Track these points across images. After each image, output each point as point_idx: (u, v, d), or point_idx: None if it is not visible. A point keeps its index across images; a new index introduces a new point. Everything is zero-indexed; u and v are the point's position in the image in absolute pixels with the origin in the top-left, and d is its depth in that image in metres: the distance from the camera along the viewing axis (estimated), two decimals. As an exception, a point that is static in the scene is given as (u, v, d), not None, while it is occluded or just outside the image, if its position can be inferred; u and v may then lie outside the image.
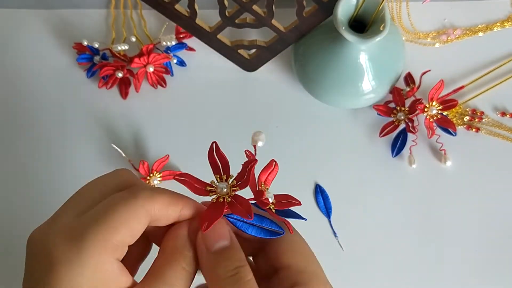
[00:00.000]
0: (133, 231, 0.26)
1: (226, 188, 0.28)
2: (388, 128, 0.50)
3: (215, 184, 0.28)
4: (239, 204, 0.27)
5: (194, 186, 0.28)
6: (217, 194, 0.28)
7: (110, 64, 0.52)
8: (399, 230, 0.48)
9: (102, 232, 0.25)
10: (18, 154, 0.52)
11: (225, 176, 0.28)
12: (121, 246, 0.26)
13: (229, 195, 0.28)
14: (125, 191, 0.28)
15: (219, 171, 0.29)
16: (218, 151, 0.29)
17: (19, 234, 0.50)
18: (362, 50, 0.45)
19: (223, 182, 0.28)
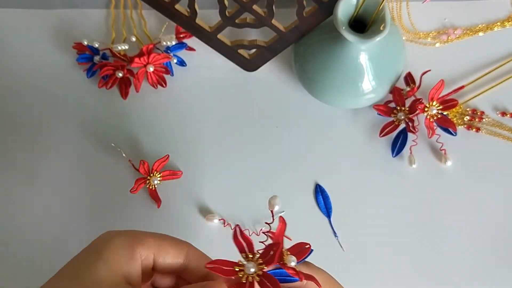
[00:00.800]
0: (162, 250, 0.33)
1: (253, 268, 0.29)
2: (388, 128, 0.50)
3: (243, 264, 0.30)
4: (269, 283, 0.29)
5: (223, 269, 0.30)
6: (245, 273, 0.30)
7: (110, 64, 0.52)
8: (399, 230, 0.48)
9: None
10: (17, 154, 0.52)
11: (250, 254, 0.30)
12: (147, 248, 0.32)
13: (258, 274, 0.29)
14: None
15: (245, 251, 0.30)
16: (242, 233, 0.30)
17: (19, 234, 0.50)
18: (362, 50, 0.45)
19: (250, 262, 0.30)
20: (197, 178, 0.50)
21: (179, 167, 0.51)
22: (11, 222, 0.50)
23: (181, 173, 0.50)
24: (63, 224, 0.50)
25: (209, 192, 0.50)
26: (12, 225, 0.50)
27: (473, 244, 0.48)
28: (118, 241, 0.31)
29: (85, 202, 0.50)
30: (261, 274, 0.29)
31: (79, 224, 0.49)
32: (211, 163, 0.51)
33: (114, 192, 0.50)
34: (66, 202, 0.50)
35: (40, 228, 0.50)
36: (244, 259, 0.30)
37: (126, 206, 0.50)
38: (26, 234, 0.49)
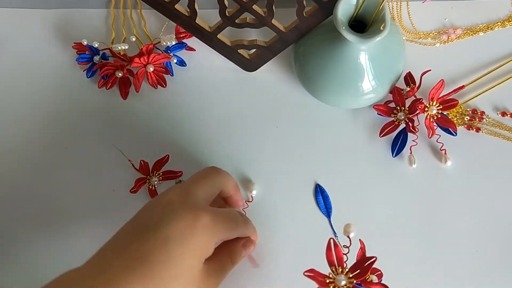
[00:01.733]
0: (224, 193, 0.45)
1: (344, 281, 0.32)
2: (388, 128, 0.50)
3: (333, 277, 0.32)
4: None
5: (318, 279, 0.32)
6: (336, 285, 0.32)
7: (110, 64, 0.52)
8: (399, 230, 0.48)
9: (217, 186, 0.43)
10: (17, 154, 0.52)
11: (340, 268, 0.32)
12: None
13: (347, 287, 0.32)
14: None
15: (334, 264, 0.32)
16: (336, 247, 0.33)
17: (18, 233, 0.50)
18: (362, 50, 0.45)
19: (340, 275, 0.32)
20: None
21: (179, 167, 0.51)
22: (11, 222, 0.50)
23: (181, 173, 0.50)
24: (63, 223, 0.50)
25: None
26: (12, 224, 0.50)
27: (473, 244, 0.48)
28: None
29: (84, 202, 0.50)
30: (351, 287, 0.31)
31: (79, 223, 0.49)
32: (211, 163, 0.51)
33: (113, 192, 0.50)
34: (66, 201, 0.50)
35: (40, 226, 0.50)
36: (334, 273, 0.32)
37: (125, 206, 0.50)
38: (27, 234, 0.49)
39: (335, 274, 0.32)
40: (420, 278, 0.47)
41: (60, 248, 0.49)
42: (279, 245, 0.48)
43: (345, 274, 0.32)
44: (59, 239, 0.49)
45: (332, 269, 0.32)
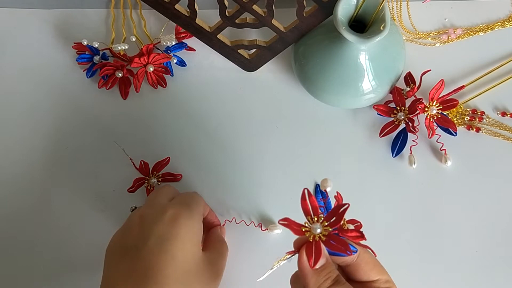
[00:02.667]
0: (204, 211, 0.44)
1: (319, 229, 0.32)
2: (388, 128, 0.50)
3: (309, 226, 0.33)
4: (337, 243, 0.32)
5: (293, 227, 0.32)
6: (311, 233, 0.32)
7: (110, 64, 0.52)
8: (399, 230, 0.48)
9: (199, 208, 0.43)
10: (17, 153, 0.52)
11: (315, 217, 0.33)
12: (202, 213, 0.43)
13: (323, 234, 0.32)
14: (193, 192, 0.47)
15: (310, 214, 0.33)
16: (310, 196, 0.33)
17: (19, 234, 0.50)
18: (362, 50, 0.45)
19: (316, 223, 0.32)
20: (196, 182, 0.50)
21: (178, 169, 0.51)
22: (11, 222, 0.50)
23: (180, 176, 0.50)
24: (63, 222, 0.50)
25: (208, 195, 0.50)
26: (12, 225, 0.50)
27: (473, 244, 0.48)
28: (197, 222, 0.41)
29: (84, 201, 0.50)
30: (326, 235, 0.32)
31: (79, 222, 0.49)
32: (211, 164, 0.51)
33: (113, 191, 0.50)
34: (66, 200, 0.50)
35: (40, 225, 0.50)
36: (310, 222, 0.33)
37: (122, 205, 0.50)
38: (27, 234, 0.49)
39: (310, 223, 0.32)
40: (420, 278, 0.47)
41: (60, 248, 0.49)
42: (279, 245, 0.48)
43: (320, 222, 0.32)
44: (58, 238, 0.49)
45: (308, 218, 0.33)
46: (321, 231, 0.32)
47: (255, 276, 0.35)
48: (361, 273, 0.34)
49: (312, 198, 0.33)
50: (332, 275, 0.33)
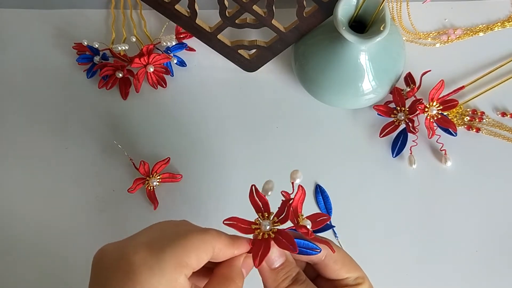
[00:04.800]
0: (200, 259, 0.30)
1: (269, 225, 0.32)
2: (389, 128, 0.50)
3: (259, 222, 0.32)
4: (284, 239, 0.31)
5: (241, 227, 0.32)
6: (261, 231, 0.32)
7: (110, 64, 0.52)
8: (399, 230, 0.48)
9: (179, 250, 0.29)
10: (18, 153, 0.52)
11: (266, 214, 0.32)
12: (189, 268, 0.29)
13: (272, 231, 0.32)
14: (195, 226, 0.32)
15: (261, 210, 0.32)
16: (258, 193, 0.33)
17: (20, 234, 0.50)
18: (362, 50, 0.45)
19: (266, 220, 0.32)
20: (196, 182, 0.50)
21: (178, 169, 0.51)
22: (12, 222, 0.50)
23: (180, 176, 0.50)
24: (63, 222, 0.50)
25: (208, 195, 0.50)
26: (13, 225, 0.50)
27: (473, 244, 0.48)
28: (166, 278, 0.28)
29: (83, 201, 0.50)
30: (276, 231, 0.31)
31: (79, 222, 0.49)
32: (211, 164, 0.51)
33: (113, 191, 0.50)
34: (66, 200, 0.50)
35: (40, 225, 0.50)
36: (260, 218, 0.32)
37: (122, 205, 0.50)
38: (27, 234, 0.49)
39: (262, 220, 0.32)
40: (420, 278, 0.47)
41: (60, 248, 0.49)
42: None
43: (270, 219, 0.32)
44: (59, 238, 0.49)
45: (259, 215, 0.32)
46: (271, 228, 0.32)
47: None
48: (329, 271, 0.33)
49: (259, 194, 0.32)
50: (291, 273, 0.32)
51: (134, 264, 0.28)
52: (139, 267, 0.28)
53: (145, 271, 0.28)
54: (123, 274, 0.28)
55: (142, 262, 0.28)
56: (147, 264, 0.28)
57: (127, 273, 0.27)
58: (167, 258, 0.28)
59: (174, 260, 0.28)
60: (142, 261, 0.28)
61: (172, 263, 0.28)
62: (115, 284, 0.28)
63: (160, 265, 0.28)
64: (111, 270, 0.28)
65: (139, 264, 0.28)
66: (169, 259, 0.28)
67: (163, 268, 0.28)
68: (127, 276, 0.27)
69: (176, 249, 0.29)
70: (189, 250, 0.29)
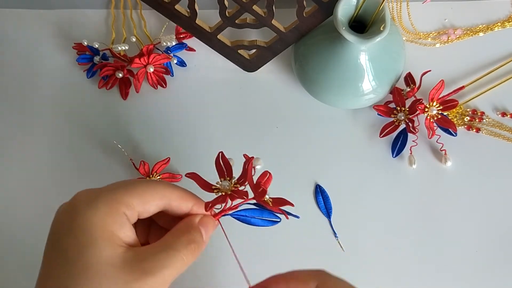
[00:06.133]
0: (146, 203, 0.32)
1: (228, 186, 0.32)
2: (389, 128, 0.50)
3: (220, 183, 0.33)
4: (238, 194, 0.32)
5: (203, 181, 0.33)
6: (221, 191, 0.32)
7: (110, 64, 0.52)
8: (399, 230, 0.48)
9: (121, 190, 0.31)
10: (18, 153, 0.52)
11: (228, 177, 0.33)
12: (132, 208, 0.31)
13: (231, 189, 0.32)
14: None
15: (224, 176, 0.33)
16: (224, 158, 0.34)
17: (20, 233, 0.50)
18: (362, 50, 0.45)
19: (226, 181, 0.33)
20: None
21: (178, 169, 0.51)
22: (12, 222, 0.50)
23: (180, 176, 0.50)
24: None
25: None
26: (13, 224, 0.50)
27: (474, 244, 0.48)
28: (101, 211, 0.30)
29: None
30: (233, 190, 0.32)
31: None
32: (211, 164, 0.51)
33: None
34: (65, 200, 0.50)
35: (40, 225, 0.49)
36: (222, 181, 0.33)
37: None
38: (28, 234, 0.49)
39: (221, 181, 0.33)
40: (420, 278, 0.47)
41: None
42: (279, 246, 0.48)
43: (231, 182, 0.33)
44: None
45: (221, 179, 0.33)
46: (230, 188, 0.32)
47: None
48: None
49: (225, 160, 0.33)
50: None
51: (75, 200, 0.31)
52: (78, 202, 0.31)
53: (82, 205, 0.30)
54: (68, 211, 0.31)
55: (82, 198, 0.31)
56: (86, 199, 0.31)
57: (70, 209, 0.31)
58: (105, 194, 0.31)
59: (113, 197, 0.31)
60: (82, 197, 0.31)
61: (109, 199, 0.30)
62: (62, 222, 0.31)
63: (97, 200, 0.30)
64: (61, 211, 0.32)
65: (79, 199, 0.31)
66: (107, 194, 0.31)
67: (100, 201, 0.30)
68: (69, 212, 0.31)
69: (118, 190, 0.31)
70: (132, 192, 0.31)
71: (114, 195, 0.31)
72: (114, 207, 0.30)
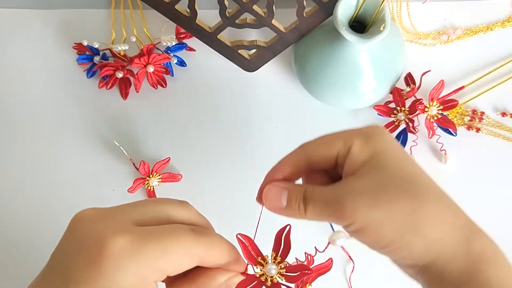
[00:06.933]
0: (180, 267, 0.27)
1: (274, 271, 0.29)
2: (389, 128, 0.50)
3: (268, 261, 0.30)
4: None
5: (249, 252, 0.30)
6: (263, 271, 0.30)
7: (110, 64, 0.52)
8: (399, 231, 0.48)
9: (157, 254, 0.26)
10: (18, 153, 0.52)
11: (279, 258, 0.30)
12: (163, 273, 0.27)
13: (272, 280, 0.29)
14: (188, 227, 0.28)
15: (278, 251, 0.30)
16: (288, 235, 0.30)
17: (20, 233, 0.50)
18: (362, 50, 0.45)
19: (275, 264, 0.30)
20: (196, 182, 0.50)
21: (178, 169, 0.51)
22: (12, 223, 0.50)
23: (181, 176, 0.50)
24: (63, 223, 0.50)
25: (208, 196, 0.50)
26: (13, 226, 0.50)
27: (473, 244, 0.48)
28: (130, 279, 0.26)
29: (83, 201, 0.50)
30: (275, 283, 0.29)
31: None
32: (211, 164, 0.51)
33: (113, 191, 0.50)
34: (65, 200, 0.50)
35: (40, 225, 0.50)
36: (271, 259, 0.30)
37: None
38: (29, 235, 0.49)
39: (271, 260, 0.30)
40: (420, 278, 0.47)
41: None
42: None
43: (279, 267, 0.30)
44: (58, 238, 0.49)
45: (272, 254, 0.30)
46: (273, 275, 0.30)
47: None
48: None
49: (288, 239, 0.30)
50: None
51: (106, 251, 0.25)
52: (108, 258, 0.25)
53: (112, 264, 0.25)
54: (91, 258, 0.25)
55: (116, 253, 0.25)
56: (120, 258, 0.25)
57: (95, 259, 0.25)
58: (141, 259, 0.26)
59: (148, 263, 0.26)
60: (115, 252, 0.25)
61: (144, 265, 0.26)
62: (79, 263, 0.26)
63: (130, 264, 0.25)
64: (82, 245, 0.26)
65: (111, 254, 0.25)
66: (143, 259, 0.26)
67: (132, 266, 0.25)
68: (93, 261, 0.25)
69: (155, 251, 0.26)
70: (169, 256, 0.27)
71: (151, 260, 0.26)
72: (148, 275, 0.26)
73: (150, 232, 0.27)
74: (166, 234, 0.27)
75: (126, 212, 0.29)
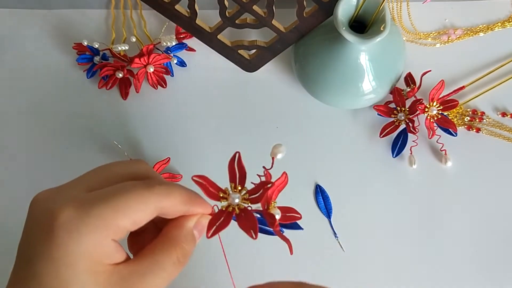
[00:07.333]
0: (137, 221, 0.28)
1: (238, 199, 0.29)
2: (389, 128, 0.50)
3: (229, 192, 0.29)
4: (247, 220, 0.28)
5: (208, 189, 0.29)
6: (228, 202, 0.29)
7: (110, 64, 0.52)
8: (399, 231, 0.48)
9: (108, 213, 0.27)
10: (18, 153, 0.52)
11: (239, 186, 0.29)
12: (121, 230, 0.27)
13: (239, 207, 0.29)
14: (140, 181, 0.29)
15: (235, 180, 0.30)
16: (240, 162, 0.30)
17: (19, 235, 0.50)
18: (362, 50, 0.45)
19: (237, 193, 0.29)
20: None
21: (178, 169, 0.51)
22: (12, 222, 0.50)
23: (180, 176, 0.50)
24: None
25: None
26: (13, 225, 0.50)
27: (473, 244, 0.48)
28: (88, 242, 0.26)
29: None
30: (242, 209, 0.29)
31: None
32: (211, 164, 0.51)
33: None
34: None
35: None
36: (232, 189, 0.29)
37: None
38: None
39: (231, 191, 0.29)
40: (419, 278, 0.47)
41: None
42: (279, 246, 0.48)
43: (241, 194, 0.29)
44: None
45: (231, 185, 0.29)
46: (239, 203, 0.29)
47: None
48: None
49: (241, 165, 0.29)
50: None
51: (55, 223, 0.26)
52: (59, 227, 0.26)
53: (63, 233, 0.26)
54: (44, 233, 0.27)
55: (64, 222, 0.26)
56: (68, 225, 0.26)
57: (47, 232, 0.26)
58: (91, 221, 0.26)
59: (99, 223, 0.26)
60: (63, 221, 0.26)
61: (97, 229, 0.26)
62: (35, 241, 0.27)
63: (81, 229, 0.26)
64: (36, 223, 0.28)
65: (60, 224, 0.26)
66: (94, 221, 0.26)
67: (85, 232, 0.26)
68: (46, 235, 0.26)
69: (105, 210, 0.27)
70: (122, 212, 0.27)
71: (102, 220, 0.26)
72: (103, 235, 0.27)
73: (99, 194, 0.28)
74: (115, 192, 0.27)
75: (77, 183, 0.30)
